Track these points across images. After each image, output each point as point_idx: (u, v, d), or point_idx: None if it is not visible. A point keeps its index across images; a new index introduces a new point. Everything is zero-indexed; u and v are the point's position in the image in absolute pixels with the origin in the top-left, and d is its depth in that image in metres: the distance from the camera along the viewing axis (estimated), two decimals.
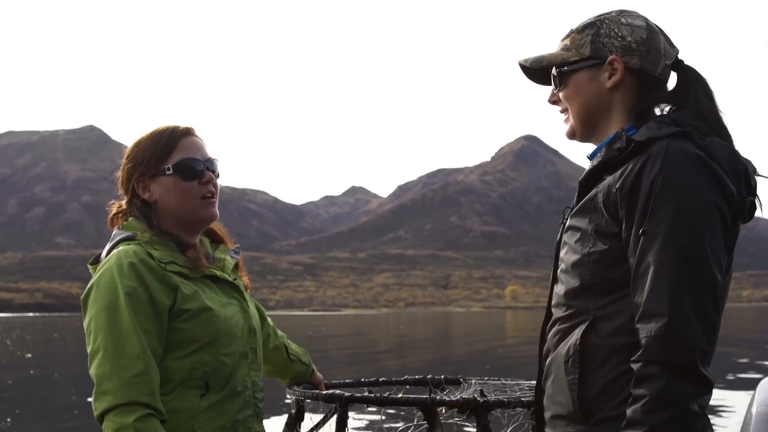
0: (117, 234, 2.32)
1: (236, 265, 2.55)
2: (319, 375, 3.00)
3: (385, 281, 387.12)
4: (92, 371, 2.07)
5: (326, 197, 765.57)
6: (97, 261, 2.32)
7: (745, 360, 22.94)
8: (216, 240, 2.57)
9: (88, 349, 2.11)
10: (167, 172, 2.30)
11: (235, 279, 2.45)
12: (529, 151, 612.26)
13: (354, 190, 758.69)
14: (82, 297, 2.22)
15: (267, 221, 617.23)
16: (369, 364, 23.53)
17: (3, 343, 41.46)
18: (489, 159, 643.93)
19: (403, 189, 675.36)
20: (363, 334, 51.04)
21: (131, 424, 2.00)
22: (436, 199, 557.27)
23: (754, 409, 2.75)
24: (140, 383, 2.05)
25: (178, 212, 2.32)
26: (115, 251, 2.23)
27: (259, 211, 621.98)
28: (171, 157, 2.31)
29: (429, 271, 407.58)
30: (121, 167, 2.38)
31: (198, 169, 2.32)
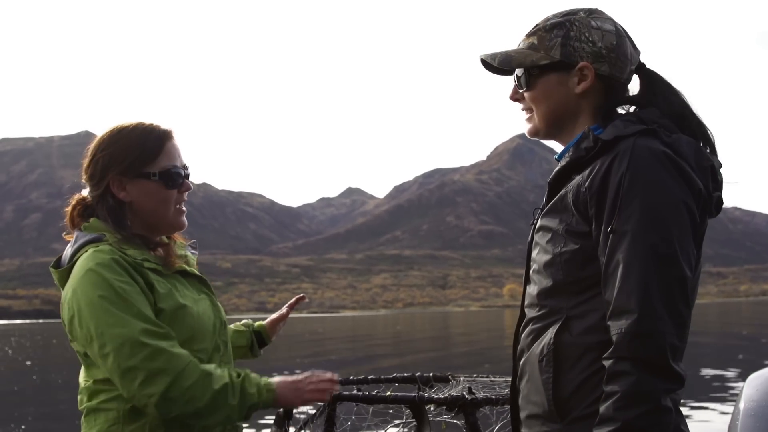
0: (81, 236, 2.22)
1: None
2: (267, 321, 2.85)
3: (383, 282, 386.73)
4: (124, 363, 2.00)
5: (322, 199, 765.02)
6: (58, 264, 2.24)
7: (741, 355, 23.10)
8: (169, 237, 2.50)
9: (101, 350, 2.03)
10: (152, 178, 2.24)
11: (201, 273, 2.41)
12: (524, 150, 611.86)
13: (350, 192, 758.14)
14: (66, 302, 2.13)
15: (264, 224, 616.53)
16: (367, 364, 23.64)
17: (3, 350, 41.56)
18: (485, 158, 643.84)
19: (399, 189, 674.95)
20: (361, 335, 51.12)
21: (204, 370, 2.09)
22: (433, 199, 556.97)
23: (741, 405, 2.77)
24: (180, 350, 2.08)
25: (151, 217, 2.28)
26: (86, 254, 2.14)
27: (255, 214, 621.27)
28: (156, 162, 2.24)
29: (427, 271, 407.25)
30: (92, 157, 2.27)
31: (180, 179, 2.29)
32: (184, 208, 2.32)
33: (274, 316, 2.86)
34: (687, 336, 1.71)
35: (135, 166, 2.23)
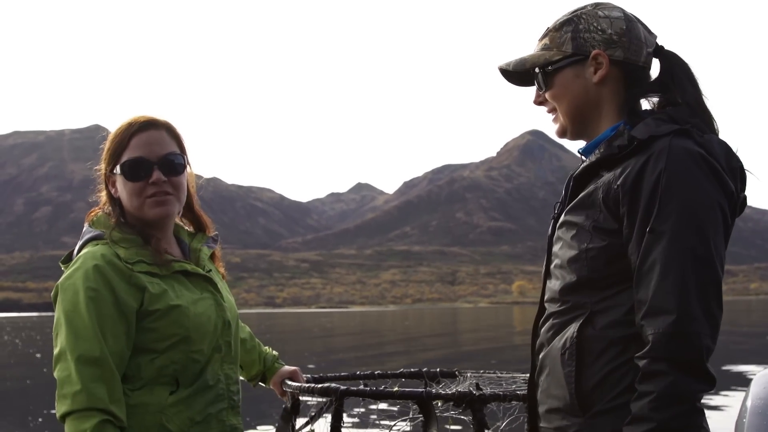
0: (86, 232, 2.29)
1: (212, 255, 2.50)
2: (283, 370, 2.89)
3: (391, 278, 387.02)
4: (55, 374, 2.07)
5: (332, 194, 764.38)
6: (69, 259, 2.29)
7: (749, 353, 23.10)
8: (199, 227, 2.51)
9: (54, 352, 2.10)
10: (116, 173, 2.28)
11: (209, 271, 2.40)
12: (534, 146, 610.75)
13: (360, 187, 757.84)
14: (51, 296, 2.20)
15: (273, 219, 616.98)
16: (375, 359, 23.72)
17: (13, 343, 41.80)
18: (494, 154, 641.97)
19: (408, 185, 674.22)
20: (370, 331, 51.20)
21: (87, 430, 2.01)
22: (442, 195, 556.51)
23: (748, 403, 2.77)
24: (98, 389, 2.03)
25: (131, 211, 2.29)
26: (83, 252, 2.21)
27: (265, 209, 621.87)
28: (122, 156, 2.27)
29: (436, 267, 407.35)
30: None
31: (143, 170, 2.25)
32: (162, 198, 2.28)
33: (290, 369, 2.89)
34: (717, 337, 1.72)
35: (109, 162, 2.31)
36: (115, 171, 2.28)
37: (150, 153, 2.27)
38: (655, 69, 1.97)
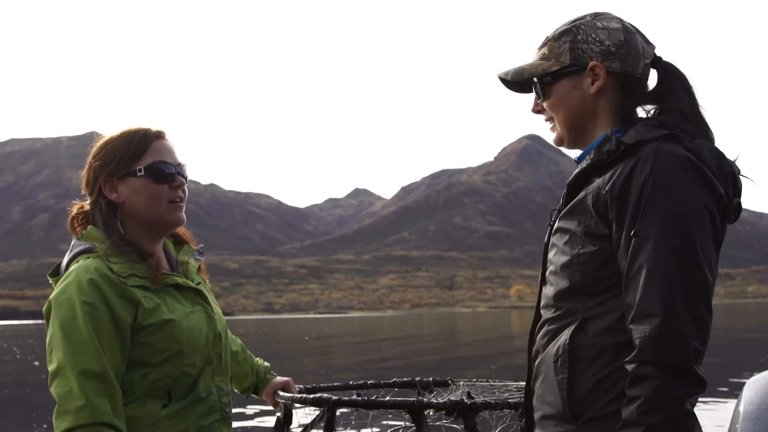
0: (76, 245, 2.28)
1: (198, 267, 2.52)
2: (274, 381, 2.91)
3: (390, 283, 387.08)
4: (53, 390, 2.04)
5: (330, 200, 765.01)
6: (57, 272, 2.30)
7: (743, 357, 23.18)
8: (180, 241, 2.53)
9: (49, 368, 2.08)
10: (138, 174, 2.28)
11: (198, 284, 2.42)
12: (532, 151, 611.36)
13: (357, 192, 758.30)
14: (43, 311, 2.19)
15: (271, 225, 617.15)
16: (373, 365, 23.84)
17: (11, 351, 41.74)
18: (492, 159, 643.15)
19: (406, 190, 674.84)
20: (368, 337, 51.18)
21: None
22: (440, 199, 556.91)
23: (741, 408, 2.77)
24: (102, 403, 2.03)
25: (145, 214, 2.29)
26: (74, 266, 2.20)
27: (263, 215, 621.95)
28: (143, 159, 2.29)
29: (434, 272, 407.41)
30: (87, 166, 2.35)
31: (169, 173, 2.31)
32: (180, 204, 2.33)
33: (283, 379, 2.90)
34: (708, 340, 1.71)
35: (122, 165, 2.28)
36: (137, 173, 2.28)
37: (171, 158, 2.34)
38: (653, 80, 1.99)
